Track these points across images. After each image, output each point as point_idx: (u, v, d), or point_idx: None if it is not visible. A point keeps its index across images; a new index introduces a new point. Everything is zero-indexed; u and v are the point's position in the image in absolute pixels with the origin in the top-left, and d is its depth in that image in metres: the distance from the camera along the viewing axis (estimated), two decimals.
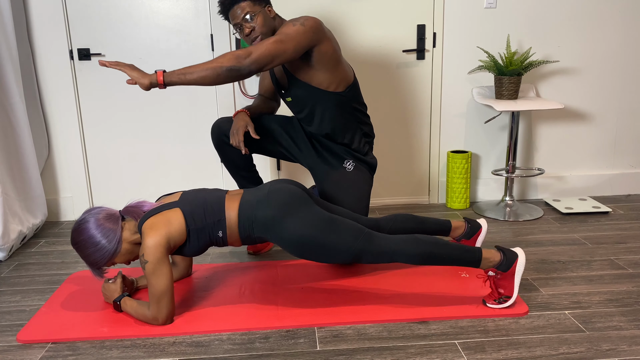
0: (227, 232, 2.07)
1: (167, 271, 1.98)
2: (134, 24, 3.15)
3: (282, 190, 2.07)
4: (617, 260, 2.56)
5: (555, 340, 1.90)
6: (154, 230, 1.98)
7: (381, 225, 2.33)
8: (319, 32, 2.31)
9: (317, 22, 2.32)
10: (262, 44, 2.22)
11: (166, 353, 1.90)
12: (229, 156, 2.62)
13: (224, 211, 2.06)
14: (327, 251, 2.00)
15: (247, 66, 2.18)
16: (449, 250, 2.02)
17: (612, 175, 3.52)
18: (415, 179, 3.49)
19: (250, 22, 2.35)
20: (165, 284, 1.98)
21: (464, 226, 2.44)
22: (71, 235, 2.07)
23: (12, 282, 2.53)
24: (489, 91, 3.30)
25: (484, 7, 3.22)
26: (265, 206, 2.03)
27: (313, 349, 1.90)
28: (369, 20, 3.22)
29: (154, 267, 1.96)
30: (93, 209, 2.10)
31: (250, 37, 2.38)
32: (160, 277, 1.97)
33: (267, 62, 2.21)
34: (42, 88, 3.19)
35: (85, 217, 2.06)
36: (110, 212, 2.09)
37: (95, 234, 2.02)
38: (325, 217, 2.01)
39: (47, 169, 3.31)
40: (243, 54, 2.19)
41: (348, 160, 2.54)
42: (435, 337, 1.95)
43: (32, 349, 1.96)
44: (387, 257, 2.02)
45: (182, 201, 2.08)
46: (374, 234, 2.04)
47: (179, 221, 2.02)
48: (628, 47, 3.34)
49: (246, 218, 2.05)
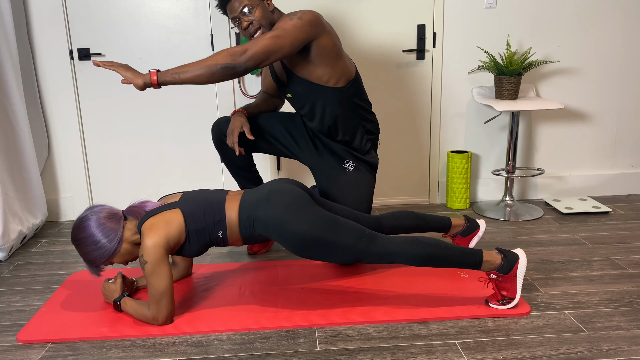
0: (227, 232, 2.07)
1: (167, 271, 1.98)
2: (134, 24, 3.15)
3: (282, 190, 2.07)
4: (617, 260, 2.56)
5: (555, 340, 1.90)
6: (153, 231, 1.98)
7: (382, 222, 2.33)
8: (317, 25, 2.26)
9: (315, 15, 2.27)
10: (258, 40, 2.18)
11: (166, 353, 1.90)
12: (229, 156, 2.61)
13: (224, 212, 2.06)
14: (328, 251, 2.00)
15: (242, 64, 2.15)
16: (450, 253, 2.02)
17: (612, 175, 3.52)
18: (415, 179, 3.49)
19: (249, 15, 2.31)
20: (165, 284, 1.98)
21: (463, 224, 2.45)
22: (72, 231, 2.07)
23: (12, 282, 2.53)
24: (489, 91, 3.30)
25: (484, 7, 3.23)
26: (265, 206, 2.03)
27: (313, 349, 1.90)
28: (369, 20, 3.22)
29: (154, 267, 1.96)
30: (95, 206, 2.10)
31: (248, 30, 2.34)
32: (159, 277, 1.97)
33: (264, 59, 2.18)
34: (42, 88, 3.19)
35: (87, 215, 2.06)
36: (112, 211, 2.09)
37: (95, 233, 2.02)
38: (326, 217, 2.01)
39: (47, 169, 3.31)
40: (238, 50, 2.15)
41: (348, 161, 2.51)
42: (435, 337, 1.95)
43: (32, 349, 1.96)
44: (387, 258, 2.02)
45: (182, 202, 2.08)
46: (375, 234, 2.04)
47: (179, 222, 2.02)
48: (628, 47, 3.34)
49: (247, 217, 2.05)
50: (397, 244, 2.02)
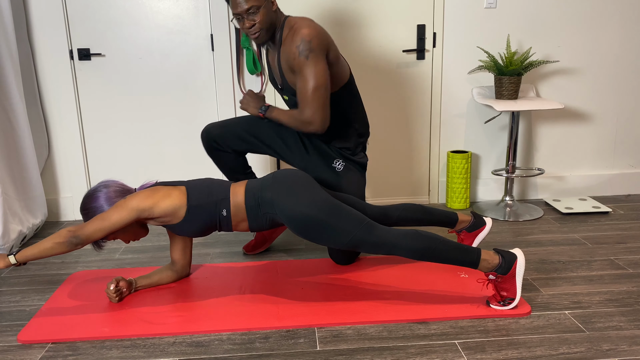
0: (231, 210, 2.11)
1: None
2: (134, 24, 3.15)
3: (287, 174, 2.13)
4: (617, 260, 2.56)
5: (555, 340, 1.90)
6: (147, 193, 2.07)
7: (389, 213, 2.35)
8: (324, 47, 2.28)
9: (320, 38, 2.27)
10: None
11: (166, 353, 1.90)
12: (223, 160, 2.63)
13: (228, 192, 2.13)
14: (327, 234, 2.02)
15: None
16: (447, 248, 2.02)
17: (612, 175, 3.52)
18: (415, 179, 3.49)
19: (253, 16, 2.29)
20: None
21: (469, 220, 2.45)
22: (82, 200, 2.14)
23: (12, 282, 2.53)
24: (489, 91, 3.30)
25: (484, 7, 3.23)
26: (271, 186, 2.09)
27: (313, 349, 1.90)
28: (369, 20, 3.22)
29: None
30: (108, 180, 2.18)
31: (251, 30, 2.33)
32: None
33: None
34: (42, 88, 3.19)
35: (99, 187, 2.14)
36: (125, 188, 2.18)
37: (104, 205, 2.09)
38: (329, 200, 2.05)
39: (47, 169, 3.31)
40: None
41: (337, 160, 2.51)
42: (435, 337, 1.95)
43: (32, 349, 1.96)
44: (385, 249, 2.03)
45: (187, 182, 2.18)
46: (375, 225, 2.05)
47: (180, 195, 2.10)
48: (628, 47, 3.34)
49: (252, 196, 2.11)
50: (395, 236, 2.02)
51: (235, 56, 3.20)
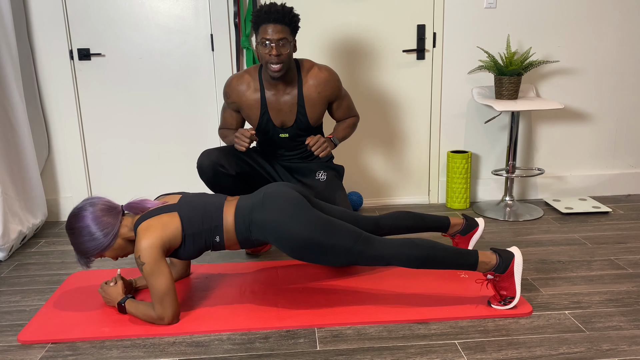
0: (224, 236, 2.07)
1: (166, 270, 1.98)
2: (134, 24, 3.15)
3: (277, 193, 2.07)
4: (617, 260, 2.56)
5: (555, 340, 1.91)
6: (149, 232, 1.97)
7: (381, 223, 2.33)
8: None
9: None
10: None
11: (166, 353, 1.90)
12: (224, 184, 2.58)
13: (221, 217, 2.07)
14: (324, 254, 2.00)
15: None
16: (445, 254, 2.02)
17: (612, 175, 3.52)
18: (415, 179, 3.49)
19: (282, 48, 2.40)
20: (165, 283, 1.98)
21: (462, 223, 2.45)
22: (67, 220, 2.05)
23: (12, 282, 2.53)
24: (489, 91, 3.30)
25: (484, 7, 3.23)
26: (261, 209, 2.03)
27: (313, 349, 1.90)
28: (369, 20, 3.22)
29: (152, 268, 1.96)
30: (94, 198, 2.09)
31: (278, 59, 2.41)
32: (159, 277, 1.97)
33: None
34: (42, 88, 3.19)
35: (84, 205, 2.04)
36: (111, 205, 2.08)
37: (91, 224, 2.01)
38: (322, 220, 2.01)
39: (47, 169, 3.31)
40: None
41: (319, 172, 2.69)
42: (435, 337, 1.95)
43: (32, 349, 1.96)
44: (384, 261, 2.02)
45: (180, 205, 2.08)
46: (371, 237, 2.03)
47: (175, 225, 2.02)
48: (628, 47, 3.34)
49: (242, 222, 2.05)
50: (393, 247, 2.02)
51: (235, 56, 3.20)
